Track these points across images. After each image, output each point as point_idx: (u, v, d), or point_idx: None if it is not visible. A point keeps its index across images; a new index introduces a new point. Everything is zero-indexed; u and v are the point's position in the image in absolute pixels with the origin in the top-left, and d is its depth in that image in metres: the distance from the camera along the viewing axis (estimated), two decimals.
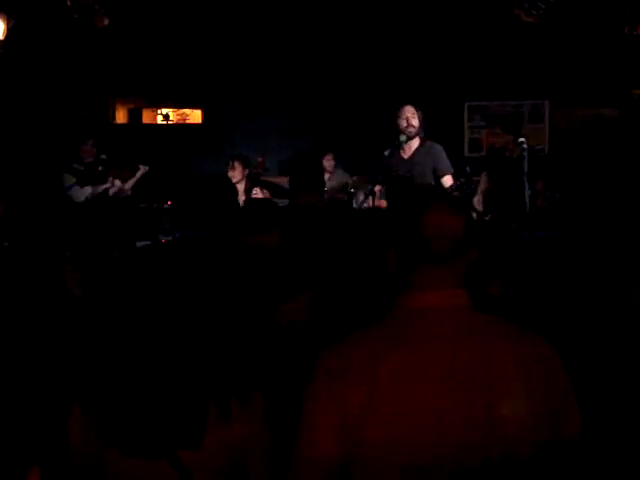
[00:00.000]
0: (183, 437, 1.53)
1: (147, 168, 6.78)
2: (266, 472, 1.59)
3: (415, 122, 5.23)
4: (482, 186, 6.11)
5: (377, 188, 5.26)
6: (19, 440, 2.03)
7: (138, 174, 6.76)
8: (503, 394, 1.42)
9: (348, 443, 1.41)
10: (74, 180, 6.54)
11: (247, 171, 6.19)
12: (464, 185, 5.00)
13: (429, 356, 1.44)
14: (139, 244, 5.29)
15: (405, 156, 5.32)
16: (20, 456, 1.96)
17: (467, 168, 5.38)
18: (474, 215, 5.49)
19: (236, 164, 6.11)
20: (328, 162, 7.16)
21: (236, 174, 6.02)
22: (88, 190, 6.52)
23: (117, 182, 6.69)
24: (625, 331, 2.17)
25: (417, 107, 5.27)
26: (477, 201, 6.03)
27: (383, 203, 5.20)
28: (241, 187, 6.01)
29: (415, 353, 1.44)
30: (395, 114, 5.28)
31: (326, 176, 6.94)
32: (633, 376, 2.09)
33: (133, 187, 6.79)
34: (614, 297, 2.30)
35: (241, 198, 5.90)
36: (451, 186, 5.08)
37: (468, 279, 1.53)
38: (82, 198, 6.49)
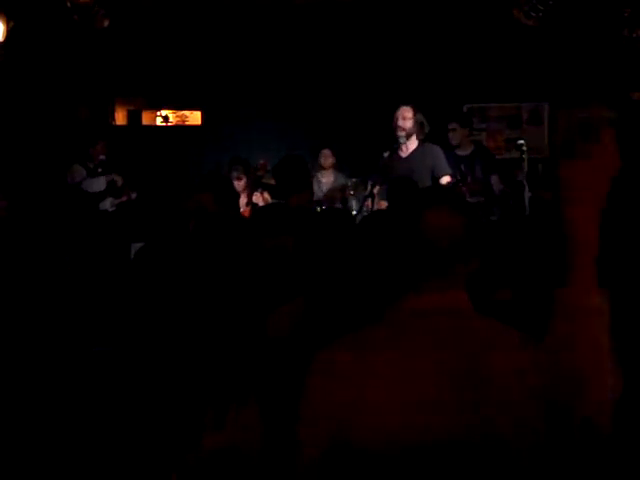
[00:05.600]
0: (182, 442, 1.54)
1: (135, 195, 6.80)
2: (260, 473, 1.60)
3: (407, 124, 5.23)
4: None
5: (376, 189, 5.26)
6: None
7: (124, 198, 6.77)
8: (497, 399, 1.41)
9: (338, 439, 1.43)
10: (85, 173, 6.63)
11: (249, 178, 6.18)
12: (460, 182, 5.02)
13: (421, 357, 1.44)
14: (135, 245, 5.29)
15: (403, 155, 5.33)
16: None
17: (462, 166, 5.41)
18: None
19: (240, 175, 6.11)
20: (325, 159, 7.01)
21: (241, 184, 6.03)
22: (102, 182, 6.58)
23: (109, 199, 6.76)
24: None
25: (416, 108, 5.26)
26: None
27: (383, 204, 5.19)
28: (244, 193, 6.02)
29: (407, 353, 1.45)
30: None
31: (325, 175, 6.91)
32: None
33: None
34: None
35: (243, 201, 5.93)
36: (448, 183, 5.10)
37: (474, 283, 1.53)
38: (95, 189, 6.56)
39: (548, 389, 1.43)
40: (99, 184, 6.60)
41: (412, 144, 5.31)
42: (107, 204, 6.66)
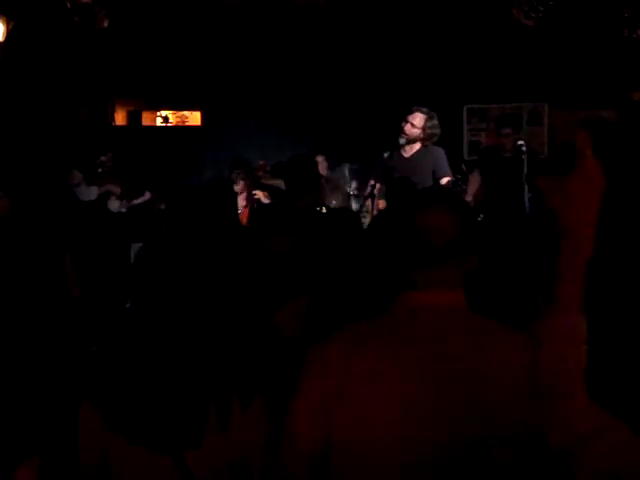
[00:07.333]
0: (184, 438, 1.55)
1: (150, 195, 6.76)
2: (266, 473, 1.60)
3: (413, 131, 5.27)
4: (472, 187, 6.00)
5: (376, 189, 5.27)
6: (16, 437, 2.02)
7: (140, 199, 6.73)
8: (493, 397, 1.41)
9: (329, 432, 1.44)
10: (81, 178, 6.62)
11: (249, 181, 6.20)
12: (459, 182, 5.03)
13: (416, 353, 1.44)
14: (135, 246, 5.29)
15: (406, 155, 5.36)
16: (15, 452, 1.96)
17: (462, 165, 5.42)
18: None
19: (239, 179, 6.12)
20: (320, 165, 7.05)
21: (239, 188, 6.05)
22: (94, 190, 6.56)
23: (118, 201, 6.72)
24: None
25: (431, 114, 5.27)
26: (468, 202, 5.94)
27: (382, 204, 5.20)
28: (243, 194, 6.04)
29: (402, 349, 1.45)
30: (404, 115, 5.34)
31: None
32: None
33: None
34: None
35: (242, 203, 5.94)
36: (448, 182, 5.11)
37: (472, 281, 1.53)
38: (88, 197, 6.54)
39: (545, 388, 1.43)
40: (90, 194, 6.57)
41: (416, 145, 5.36)
42: (116, 205, 6.63)
